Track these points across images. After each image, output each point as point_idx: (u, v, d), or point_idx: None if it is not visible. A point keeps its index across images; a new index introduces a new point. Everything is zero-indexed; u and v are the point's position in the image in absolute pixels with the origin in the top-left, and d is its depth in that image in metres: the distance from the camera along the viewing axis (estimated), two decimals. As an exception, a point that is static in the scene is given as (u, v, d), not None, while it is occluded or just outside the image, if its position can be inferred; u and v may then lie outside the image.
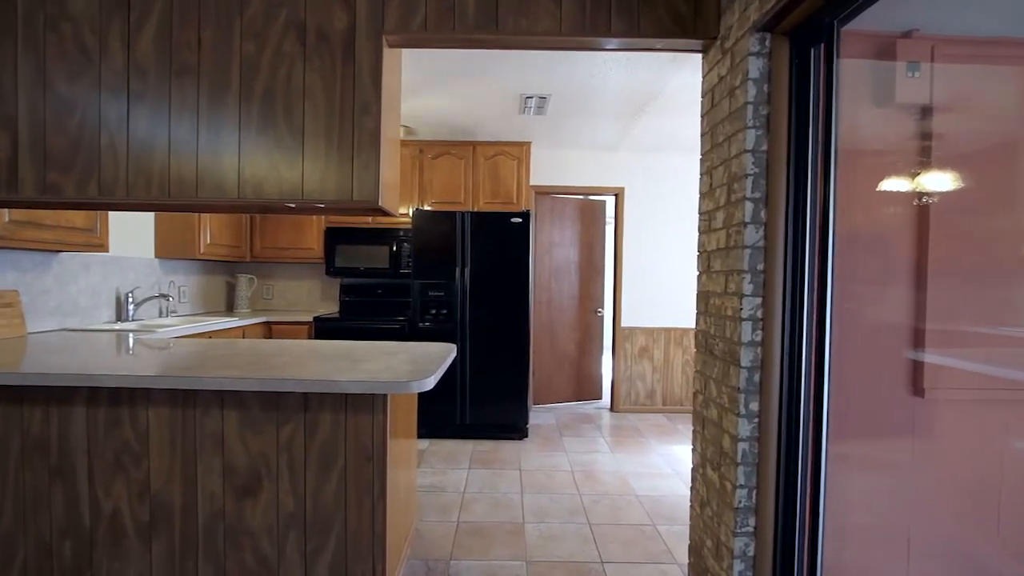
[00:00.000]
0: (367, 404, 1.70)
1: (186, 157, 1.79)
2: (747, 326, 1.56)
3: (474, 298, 3.84)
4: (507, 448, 3.67)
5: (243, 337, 3.65)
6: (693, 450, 1.94)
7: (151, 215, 3.56)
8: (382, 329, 3.97)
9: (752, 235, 1.56)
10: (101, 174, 1.79)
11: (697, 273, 1.95)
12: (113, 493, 1.76)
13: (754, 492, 1.57)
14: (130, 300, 3.26)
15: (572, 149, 4.64)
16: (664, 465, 3.40)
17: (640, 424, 4.35)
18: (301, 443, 1.76)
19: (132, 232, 3.40)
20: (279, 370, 1.70)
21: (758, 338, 1.56)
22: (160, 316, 3.63)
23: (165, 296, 3.37)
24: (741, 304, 1.56)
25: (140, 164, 1.79)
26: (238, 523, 1.77)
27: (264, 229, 4.32)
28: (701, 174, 1.92)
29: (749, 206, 1.56)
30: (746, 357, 1.56)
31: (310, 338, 3.98)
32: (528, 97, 3.26)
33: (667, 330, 4.73)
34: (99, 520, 1.77)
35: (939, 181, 1.48)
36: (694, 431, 1.94)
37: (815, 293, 1.46)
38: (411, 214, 3.88)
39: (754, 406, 1.57)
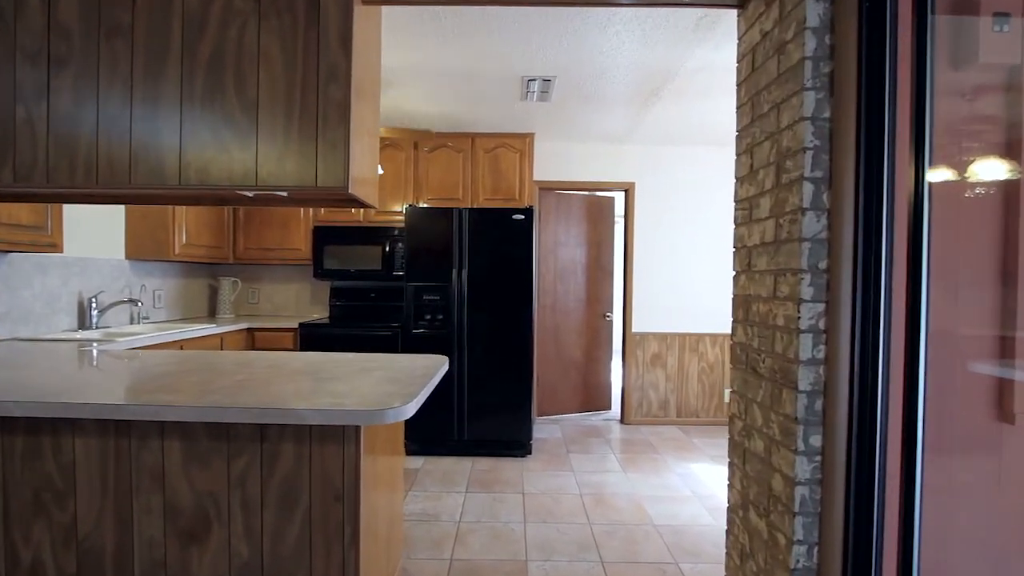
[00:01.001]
0: (336, 433, 1.39)
1: (118, 136, 1.49)
2: (806, 340, 1.24)
3: (472, 302, 3.53)
4: (509, 467, 3.35)
5: (221, 346, 3.35)
6: (730, 486, 1.62)
7: (120, 210, 3.27)
8: (373, 336, 3.66)
9: (811, 225, 1.24)
10: (16, 157, 1.49)
11: (733, 273, 1.63)
12: (33, 539, 1.46)
13: (815, 550, 1.25)
14: (93, 306, 2.96)
15: (579, 141, 4.32)
16: (682, 487, 3.07)
17: (653, 438, 4.02)
18: (257, 479, 1.46)
19: (99, 231, 3.11)
20: (229, 393, 1.39)
21: (820, 354, 1.24)
22: (132, 323, 3.34)
23: (134, 301, 3.08)
24: (799, 311, 1.24)
25: (63, 144, 1.49)
26: (182, 574, 1.46)
27: (248, 228, 4.03)
28: (738, 154, 1.60)
29: (807, 189, 1.24)
30: (805, 378, 1.24)
31: (295, 346, 3.68)
32: (531, 80, 2.95)
33: (682, 336, 4.39)
34: (16, 572, 1.47)
35: (1059, 153, 1.16)
36: (731, 464, 1.62)
37: (898, 297, 1.14)
38: (404, 211, 3.57)
39: (815, 441, 1.24)
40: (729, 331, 1.65)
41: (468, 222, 3.52)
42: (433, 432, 3.53)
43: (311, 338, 3.65)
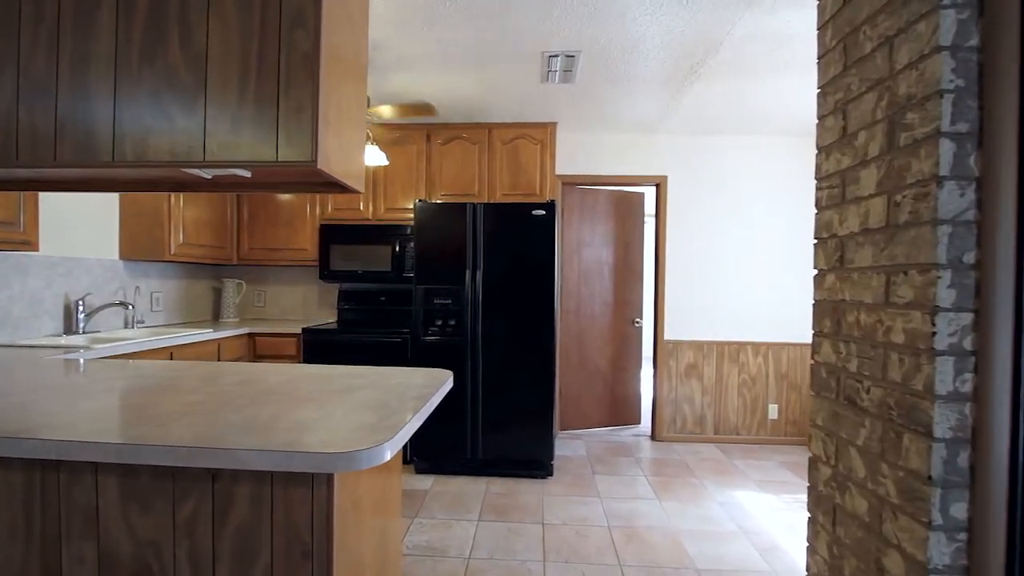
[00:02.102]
0: (301, 473, 1.08)
1: (41, 102, 1.21)
2: (944, 365, 0.86)
3: (488, 306, 3.20)
4: (527, 490, 3.00)
5: (218, 352, 3.10)
6: (810, 550, 1.24)
7: (114, 205, 3.06)
8: (380, 344, 3.36)
9: (952, 200, 0.87)
10: (-77, 130, 1.23)
11: (815, 272, 1.25)
12: (-59, 595, 1.19)
13: (960, 668, 0.87)
14: (80, 309, 2.74)
15: (605, 131, 3.96)
16: (726, 519, 2.67)
17: (689, 458, 3.61)
18: (208, 526, 1.15)
19: (90, 229, 2.90)
20: (165, 422, 1.10)
21: (966, 386, 0.86)
22: (126, 327, 3.12)
23: (124, 304, 2.86)
24: (934, 324, 0.87)
25: (-23, 114, 1.22)
26: (117, 644, 1.17)
27: (252, 227, 3.80)
28: (822, 116, 1.23)
29: (945, 149, 0.87)
30: (943, 421, 0.86)
31: (298, 352, 3.42)
32: (552, 56, 2.61)
33: (720, 344, 3.98)
34: (-80, 635, 1.20)
35: None
36: (812, 522, 1.24)
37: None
38: (414, 207, 3.27)
39: (959, 511, 0.86)
40: (775, 339, 1.27)
41: (483, 219, 3.20)
42: (444, 449, 3.21)
43: (314, 345, 3.38)
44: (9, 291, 2.45)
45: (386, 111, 2.76)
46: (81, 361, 1.94)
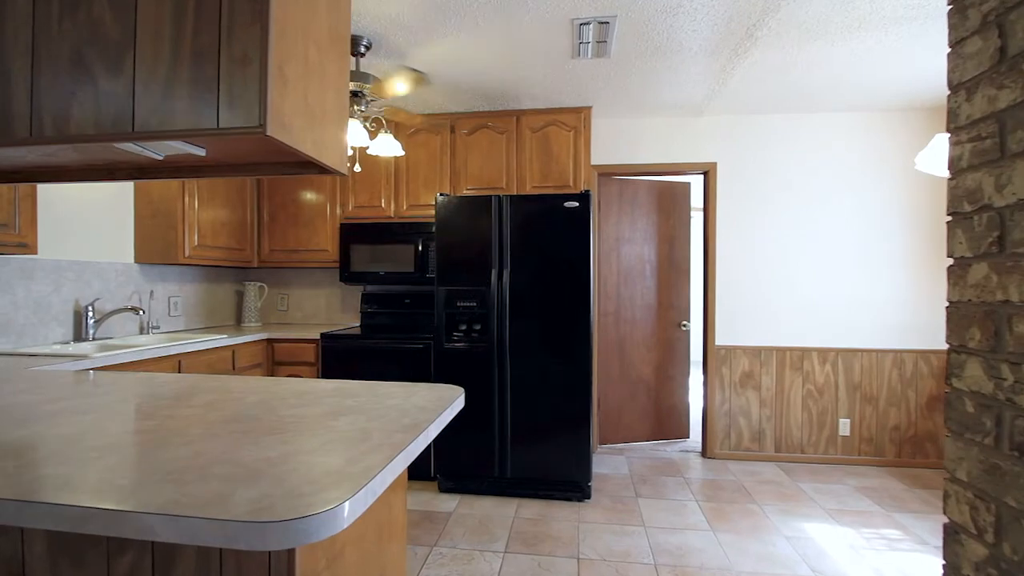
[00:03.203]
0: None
1: (-45, 70, 1.01)
2: None
3: (516, 309, 2.91)
4: (561, 515, 2.68)
5: (232, 359, 2.95)
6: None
7: (129, 207, 2.96)
8: (401, 351, 3.13)
9: None
10: None
11: (950, 262, 0.89)
12: None
13: None
14: (90, 315, 2.64)
15: (645, 114, 3.59)
16: (795, 559, 2.27)
17: (746, 479, 3.19)
18: (149, 587, 0.92)
19: (103, 231, 2.80)
20: (83, 465, 0.87)
21: None
22: (141, 333, 3.02)
23: (135, 309, 2.74)
24: None
25: None
26: None
27: (272, 228, 3.66)
28: (960, 38, 0.87)
29: None
30: None
31: (317, 359, 3.23)
32: (583, 24, 2.29)
33: (780, 350, 3.53)
34: None
35: None
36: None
37: None
38: (435, 201, 3.02)
39: None
40: (845, 344, 0.91)
41: (510, 213, 2.91)
42: (470, 465, 2.94)
43: (332, 351, 3.18)
44: (12, 295, 2.35)
45: (392, 86, 2.51)
46: (52, 373, 1.77)
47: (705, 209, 3.65)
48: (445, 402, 1.34)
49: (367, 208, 3.54)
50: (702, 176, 3.70)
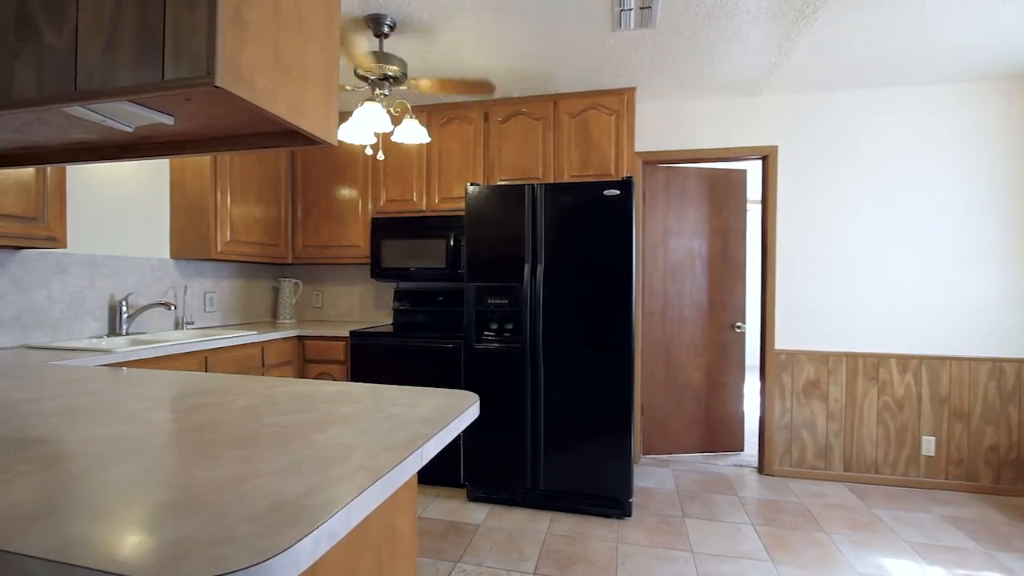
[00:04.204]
0: None
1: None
2: None
3: (551, 307, 2.69)
4: (598, 534, 2.44)
5: (262, 356, 2.90)
6: None
7: (164, 202, 2.97)
8: (429, 350, 2.98)
9: None
10: None
11: None
12: None
13: None
14: (123, 309, 2.64)
15: (695, 95, 3.28)
16: (875, 602, 1.93)
17: (811, 502, 2.84)
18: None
19: (140, 227, 2.81)
20: (10, 485, 0.73)
21: None
22: (176, 328, 3.03)
23: (166, 304, 2.73)
24: None
25: None
26: None
27: (306, 223, 3.61)
28: None
29: None
30: None
31: (346, 357, 3.14)
32: (624, -12, 2.05)
33: (851, 356, 3.13)
34: None
35: None
36: None
37: None
38: (465, 192, 2.85)
39: None
40: (931, 351, 0.68)
41: (544, 202, 2.70)
42: (501, 474, 2.75)
43: (361, 350, 3.08)
44: (47, 290, 2.36)
45: (425, 85, 2.35)
46: (63, 368, 1.71)
47: (764, 198, 3.30)
48: (453, 413, 1.15)
49: (398, 202, 3.43)
50: (760, 161, 3.35)
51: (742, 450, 3.60)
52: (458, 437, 2.92)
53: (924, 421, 3.04)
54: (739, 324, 3.59)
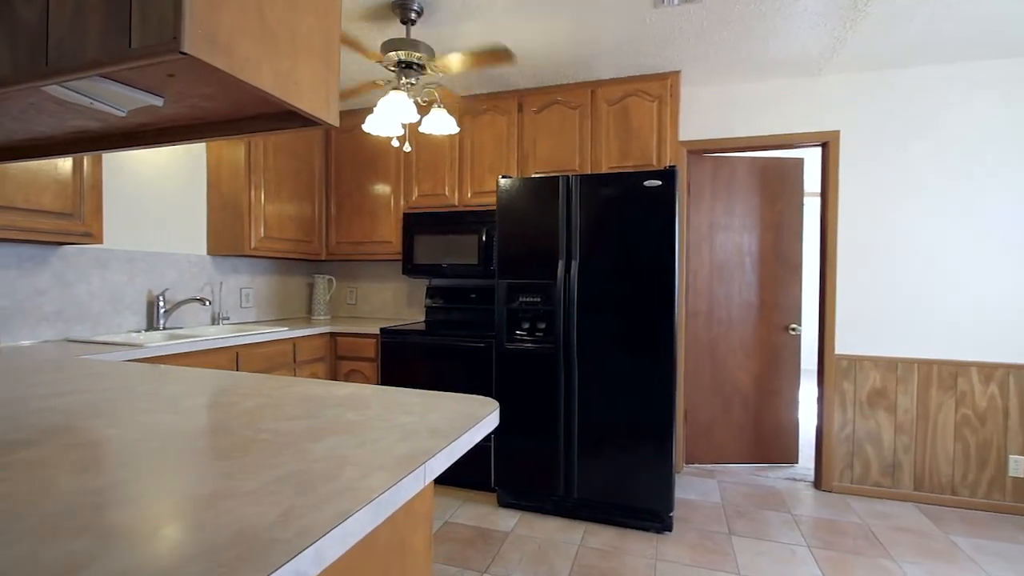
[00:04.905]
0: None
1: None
2: None
3: (586, 306, 2.54)
4: (635, 549, 2.28)
5: (293, 352, 2.89)
6: None
7: (202, 199, 3.00)
8: (460, 349, 2.89)
9: None
10: None
11: None
12: None
13: None
14: (161, 305, 2.69)
15: (745, 77, 3.03)
16: (956, 646, 1.68)
17: (876, 523, 2.56)
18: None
19: (178, 223, 2.85)
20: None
21: None
22: (212, 323, 3.07)
23: (201, 300, 2.75)
24: None
25: None
26: None
27: (339, 219, 3.60)
28: None
29: None
30: None
31: (376, 355, 3.09)
32: (667, -43, 1.87)
33: (924, 363, 2.81)
34: None
35: None
36: None
37: None
38: (496, 185, 2.74)
39: None
40: (1019, 359, 0.45)
41: (580, 195, 2.54)
42: (533, 479, 2.63)
43: (391, 348, 3.02)
44: (87, 285, 2.42)
45: (454, 61, 2.24)
46: (92, 362, 1.71)
47: (824, 188, 3.02)
48: (468, 422, 1.04)
49: (430, 196, 3.35)
50: (820, 148, 3.07)
51: (796, 463, 3.32)
52: (488, 439, 2.81)
53: (1011, 438, 2.70)
54: (794, 326, 3.31)
